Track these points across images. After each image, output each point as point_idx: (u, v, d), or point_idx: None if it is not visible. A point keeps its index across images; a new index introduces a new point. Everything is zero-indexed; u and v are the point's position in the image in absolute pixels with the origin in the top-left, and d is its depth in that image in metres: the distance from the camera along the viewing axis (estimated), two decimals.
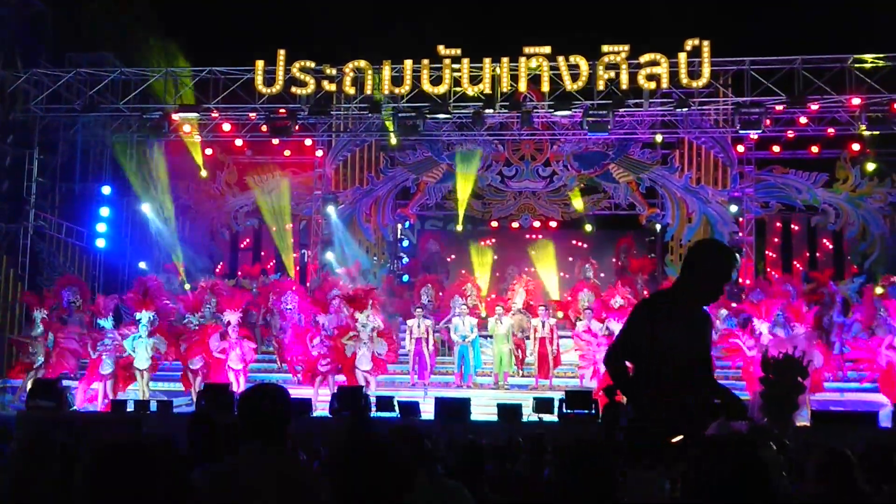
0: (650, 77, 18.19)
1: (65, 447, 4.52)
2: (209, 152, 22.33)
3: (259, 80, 19.13)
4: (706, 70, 18.18)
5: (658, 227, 24.01)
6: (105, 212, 21.56)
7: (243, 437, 3.42)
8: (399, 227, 25.19)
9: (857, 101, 18.30)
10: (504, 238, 24.83)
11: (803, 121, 19.72)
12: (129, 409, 14.80)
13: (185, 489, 3.12)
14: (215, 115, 20.20)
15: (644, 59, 18.26)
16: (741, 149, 22.11)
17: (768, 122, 19.19)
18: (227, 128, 20.69)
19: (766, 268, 22.55)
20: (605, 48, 18.43)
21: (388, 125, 19.88)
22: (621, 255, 23.57)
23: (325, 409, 15.04)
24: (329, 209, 22.64)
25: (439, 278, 22.22)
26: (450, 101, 19.03)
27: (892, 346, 15.70)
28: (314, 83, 19.06)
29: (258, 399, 3.47)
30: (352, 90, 19.13)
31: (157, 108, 20.01)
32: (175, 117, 19.76)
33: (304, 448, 8.51)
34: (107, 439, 2.63)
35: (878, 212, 22.08)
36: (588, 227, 23.47)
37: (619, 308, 17.19)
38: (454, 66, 18.76)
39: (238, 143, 22.09)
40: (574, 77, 18.33)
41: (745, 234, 21.90)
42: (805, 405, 12.85)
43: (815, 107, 18.83)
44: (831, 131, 20.08)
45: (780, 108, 18.96)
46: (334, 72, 19.12)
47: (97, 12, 20.33)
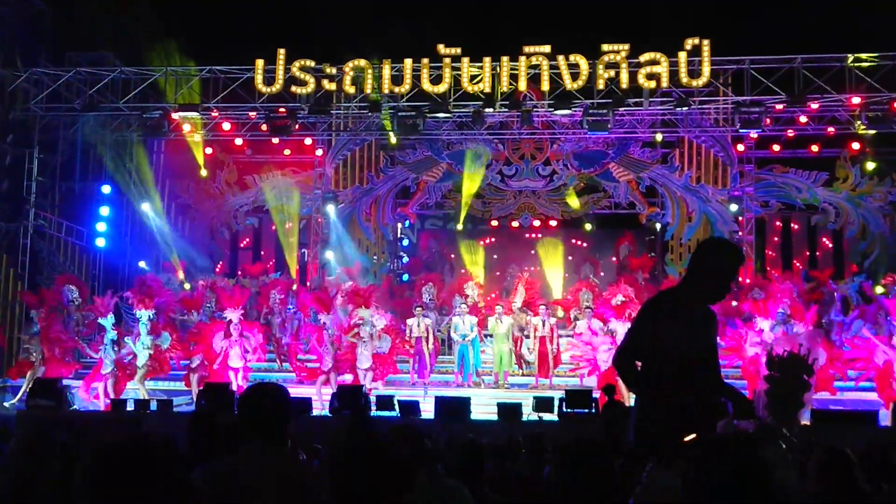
0: (650, 76, 18.18)
1: (65, 447, 4.52)
2: (209, 151, 22.34)
3: (259, 79, 19.12)
4: (706, 69, 18.17)
5: (658, 226, 24.01)
6: (105, 211, 21.57)
7: (243, 437, 3.42)
8: (399, 226, 25.19)
9: (856, 100, 18.31)
10: (504, 237, 24.84)
11: (803, 120, 19.72)
12: (129, 409, 14.81)
13: (186, 489, 3.11)
14: (215, 114, 20.20)
15: (644, 58, 18.25)
16: (741, 148, 22.11)
17: (768, 121, 19.20)
18: (226, 127, 20.70)
19: (766, 267, 22.55)
20: (605, 47, 18.42)
21: (387, 125, 19.88)
22: (622, 254, 23.57)
23: (323, 408, 15.05)
24: (329, 208, 22.64)
25: (441, 277, 22.21)
26: (450, 100, 19.03)
27: (892, 346, 15.69)
28: (314, 82, 19.05)
29: (258, 398, 3.47)
30: (352, 89, 19.12)
31: (156, 108, 20.01)
32: (175, 116, 19.76)
33: (304, 447, 8.51)
34: (107, 439, 2.63)
35: (877, 211, 22.09)
36: (588, 226, 23.47)
37: (620, 306, 17.18)
38: (454, 65, 18.74)
39: (238, 142, 22.11)
40: (574, 76, 18.32)
41: (745, 233, 21.90)
42: (809, 404, 12.85)
43: (815, 106, 18.83)
44: (831, 130, 20.08)
45: (779, 107, 18.96)
46: (334, 71, 19.10)
47: (97, 11, 20.31)
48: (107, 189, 21.70)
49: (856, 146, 20.73)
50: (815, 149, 21.82)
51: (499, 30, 22.16)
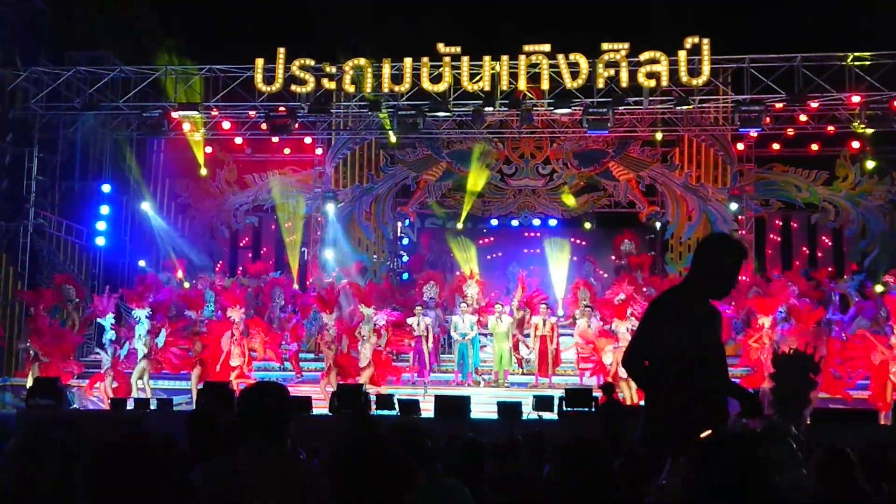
0: (650, 75, 18.17)
1: (65, 446, 4.51)
2: (209, 150, 22.33)
3: (259, 78, 19.11)
4: (706, 68, 18.15)
5: (658, 224, 24.01)
6: (105, 210, 21.57)
7: (243, 436, 3.42)
8: (399, 225, 25.19)
9: (856, 98, 18.29)
10: (504, 236, 24.83)
11: (803, 118, 19.70)
12: (128, 408, 14.81)
13: (185, 488, 3.11)
14: (215, 113, 20.20)
15: (644, 56, 18.24)
16: (741, 146, 22.12)
17: (768, 119, 19.18)
18: (226, 126, 20.70)
19: (766, 265, 22.55)
20: (605, 46, 18.40)
21: (386, 124, 19.87)
22: (625, 250, 23.55)
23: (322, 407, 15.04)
24: (329, 207, 22.63)
25: (443, 275, 22.20)
26: (449, 99, 19.02)
27: (890, 346, 15.67)
28: (314, 81, 19.04)
29: (258, 397, 3.47)
30: (351, 88, 19.10)
31: (156, 107, 20.00)
32: (175, 115, 19.75)
33: (304, 447, 8.51)
34: (107, 438, 2.63)
35: (877, 209, 22.10)
36: (588, 225, 23.45)
37: (621, 305, 17.18)
38: (454, 64, 18.73)
39: (238, 141, 22.12)
40: (574, 75, 18.31)
41: (745, 232, 21.90)
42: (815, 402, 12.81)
43: (815, 105, 18.81)
44: (831, 129, 20.07)
45: (779, 105, 18.94)
46: (334, 70, 19.09)
47: (97, 11, 20.30)
48: (107, 188, 21.71)
49: (856, 145, 20.73)
50: (814, 147, 21.81)
51: (498, 29, 22.13)
